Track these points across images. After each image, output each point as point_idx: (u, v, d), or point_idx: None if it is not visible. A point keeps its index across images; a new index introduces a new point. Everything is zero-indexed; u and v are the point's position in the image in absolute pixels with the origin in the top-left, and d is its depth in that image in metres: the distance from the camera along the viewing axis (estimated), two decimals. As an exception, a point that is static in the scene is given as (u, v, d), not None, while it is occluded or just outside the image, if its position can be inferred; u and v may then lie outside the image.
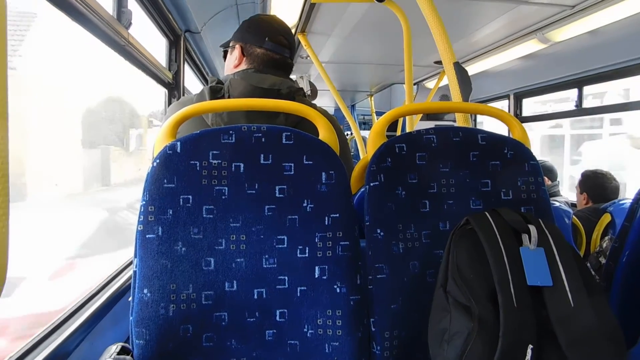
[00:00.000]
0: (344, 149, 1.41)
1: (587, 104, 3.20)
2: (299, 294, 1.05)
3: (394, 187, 1.14)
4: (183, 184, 1.03)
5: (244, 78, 1.34)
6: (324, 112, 1.33)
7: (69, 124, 2.33)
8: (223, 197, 1.04)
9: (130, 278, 1.06)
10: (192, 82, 3.70)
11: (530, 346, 0.83)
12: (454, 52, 1.54)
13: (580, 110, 3.25)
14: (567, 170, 6.97)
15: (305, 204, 1.07)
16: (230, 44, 1.47)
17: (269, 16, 1.55)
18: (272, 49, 1.41)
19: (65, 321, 1.30)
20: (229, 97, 1.31)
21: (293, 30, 2.97)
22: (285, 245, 1.05)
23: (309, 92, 3.61)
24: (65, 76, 2.14)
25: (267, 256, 1.05)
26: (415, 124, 3.41)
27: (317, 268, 1.05)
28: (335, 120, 1.41)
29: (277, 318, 1.05)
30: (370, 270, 1.10)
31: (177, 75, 2.73)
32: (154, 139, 1.12)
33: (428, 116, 4.77)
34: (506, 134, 1.56)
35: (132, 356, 1.00)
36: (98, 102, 2.68)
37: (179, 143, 1.04)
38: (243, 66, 1.42)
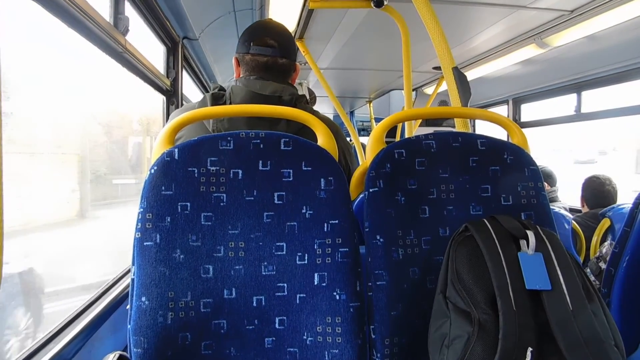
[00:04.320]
0: (349, 155, 1.40)
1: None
2: (298, 301, 1.04)
3: (393, 193, 1.13)
4: (181, 190, 1.02)
5: (245, 85, 1.33)
6: (326, 120, 1.32)
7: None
8: (221, 204, 1.04)
9: (128, 286, 1.05)
10: (190, 89, 3.71)
11: (530, 349, 0.83)
12: (453, 57, 1.54)
13: (579, 115, 3.25)
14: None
15: (304, 210, 1.06)
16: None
17: (261, 21, 1.52)
18: (258, 52, 1.38)
19: (63, 329, 1.29)
20: (230, 105, 1.29)
21: None
22: (284, 252, 1.05)
23: (307, 99, 3.61)
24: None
25: (266, 263, 1.04)
26: (414, 130, 3.41)
27: (316, 275, 1.05)
28: (339, 128, 1.40)
29: (277, 325, 1.04)
30: (369, 276, 1.09)
31: (175, 82, 2.71)
32: (153, 146, 1.12)
33: (427, 122, 4.77)
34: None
35: None
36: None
37: (176, 150, 1.03)
38: (241, 75, 1.41)
